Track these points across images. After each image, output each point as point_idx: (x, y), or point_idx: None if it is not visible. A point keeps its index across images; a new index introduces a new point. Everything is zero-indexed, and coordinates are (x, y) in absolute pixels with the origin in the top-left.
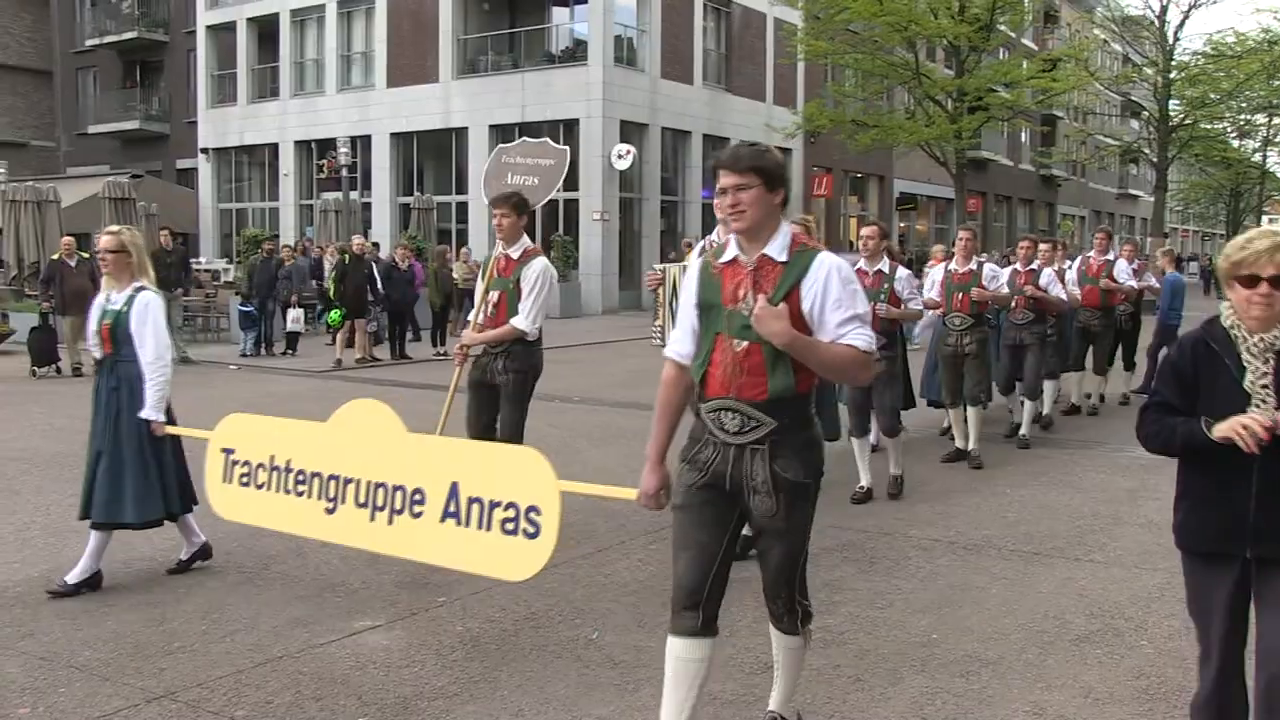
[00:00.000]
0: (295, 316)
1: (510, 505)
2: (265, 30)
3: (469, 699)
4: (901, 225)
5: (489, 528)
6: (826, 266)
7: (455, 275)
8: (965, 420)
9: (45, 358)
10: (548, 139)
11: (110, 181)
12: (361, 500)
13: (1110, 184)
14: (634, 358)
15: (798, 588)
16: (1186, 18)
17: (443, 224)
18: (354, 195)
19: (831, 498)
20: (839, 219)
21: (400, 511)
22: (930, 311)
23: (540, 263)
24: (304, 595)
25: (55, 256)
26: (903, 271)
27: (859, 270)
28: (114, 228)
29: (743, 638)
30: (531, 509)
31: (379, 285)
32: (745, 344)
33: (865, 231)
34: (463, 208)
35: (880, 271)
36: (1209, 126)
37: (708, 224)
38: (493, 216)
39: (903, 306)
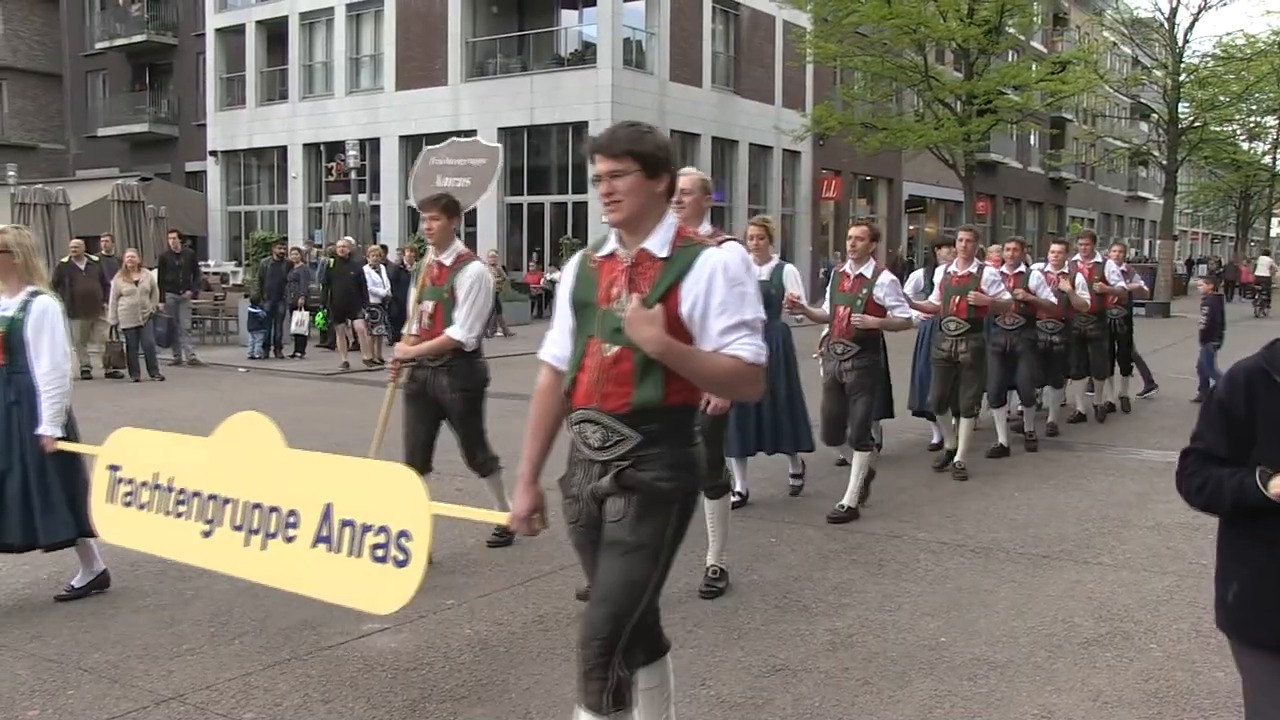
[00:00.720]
0: (300, 319)
1: (382, 529)
2: (274, 33)
3: (477, 701)
4: (910, 228)
5: (360, 554)
6: (712, 264)
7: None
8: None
9: None
10: (478, 137)
11: (119, 184)
12: (237, 523)
13: (1120, 186)
14: None
15: (624, 642)
16: (1196, 20)
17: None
18: (363, 198)
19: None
20: (848, 221)
21: (274, 535)
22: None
23: (475, 268)
24: (313, 598)
25: (64, 259)
26: (886, 276)
27: (841, 272)
28: (1, 226)
29: (750, 640)
30: (403, 534)
31: (369, 287)
32: (616, 349)
33: (854, 232)
34: (471, 210)
35: (861, 275)
36: (1218, 129)
37: (717, 227)
38: (422, 221)
39: (887, 314)
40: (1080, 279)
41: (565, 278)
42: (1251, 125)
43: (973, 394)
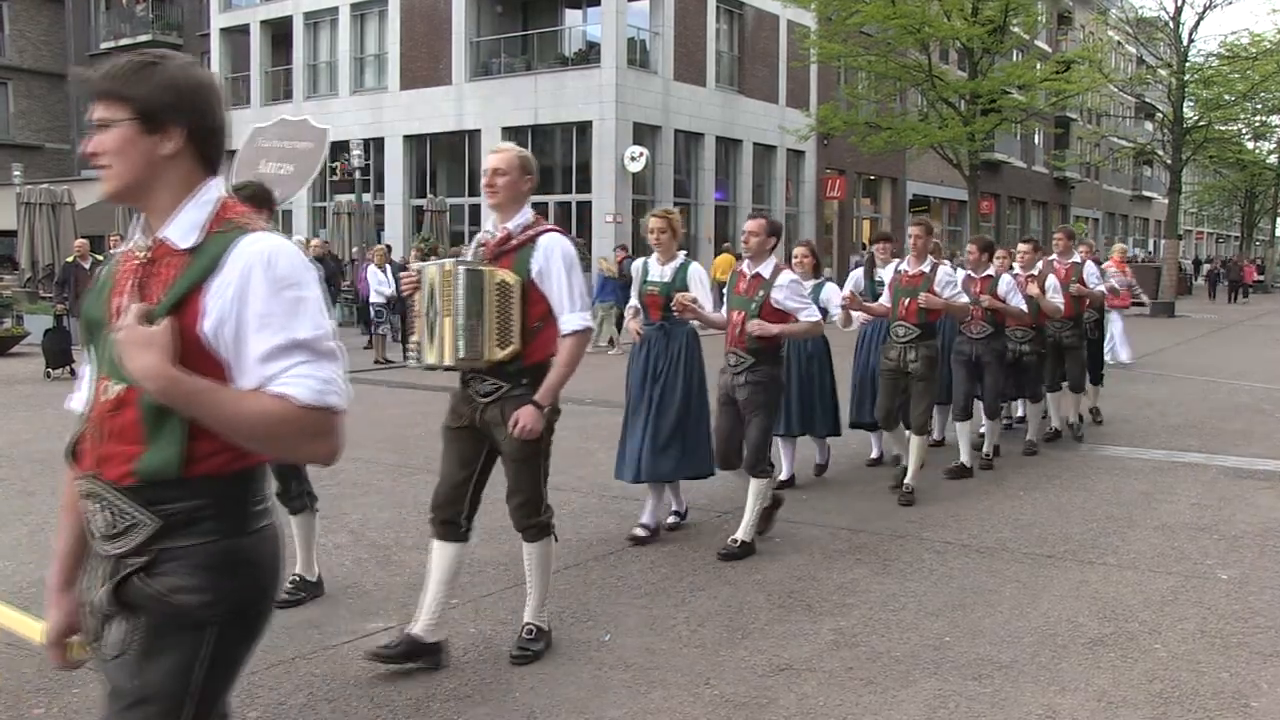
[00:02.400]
0: None
1: None
2: (279, 33)
3: (481, 700)
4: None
5: None
6: (248, 257)
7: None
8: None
9: (60, 360)
10: (308, 117)
11: None
12: None
13: (1124, 186)
14: None
15: None
16: (1201, 19)
17: (456, 226)
18: (367, 197)
19: (843, 495)
20: (852, 221)
21: None
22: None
23: None
24: (316, 596)
25: (69, 259)
26: (787, 276)
27: (739, 271)
28: None
29: (754, 639)
30: None
31: (373, 286)
32: (120, 388)
33: (749, 225)
34: (476, 210)
35: (759, 275)
36: (1223, 128)
37: (721, 226)
38: None
39: (791, 319)
40: (1053, 281)
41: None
42: (1257, 124)
43: (925, 408)
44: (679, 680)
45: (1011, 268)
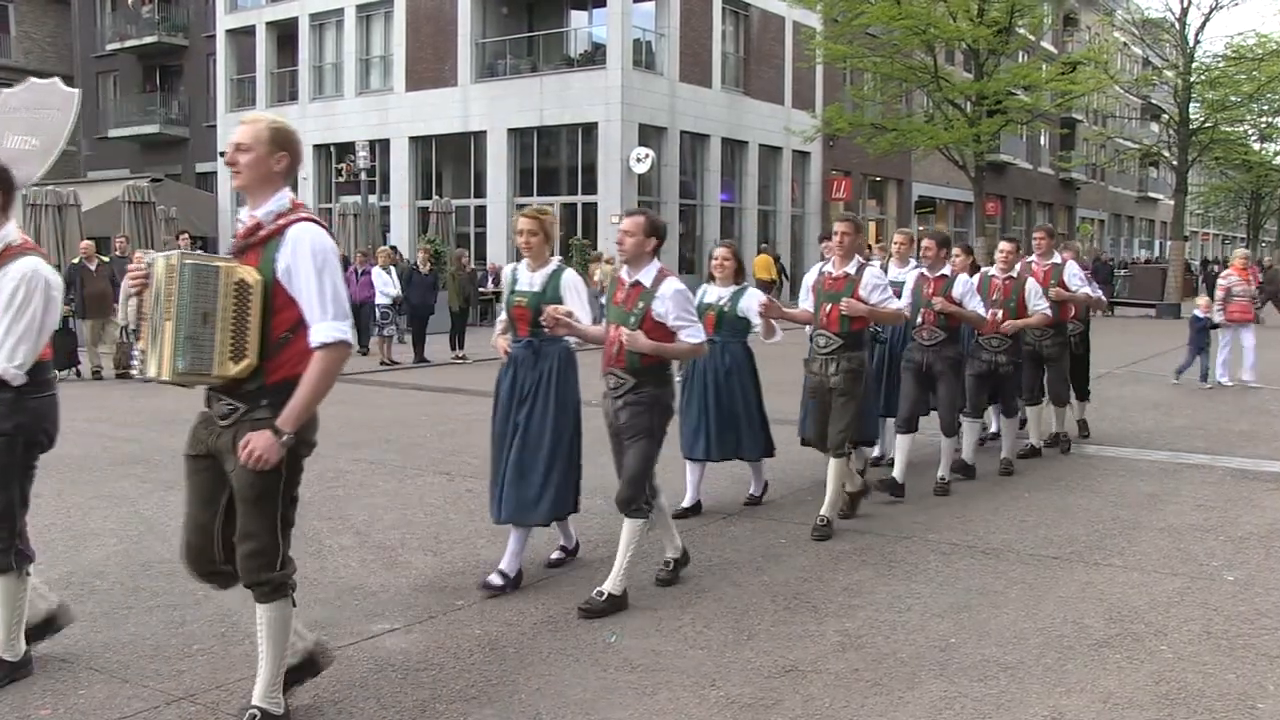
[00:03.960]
0: None
1: None
2: (284, 34)
3: (487, 702)
4: (921, 229)
5: None
6: None
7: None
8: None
9: (66, 361)
10: (57, 79)
11: (130, 185)
12: None
13: (1130, 187)
14: None
15: None
16: (1207, 20)
17: (461, 228)
18: (372, 199)
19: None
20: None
21: None
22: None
23: (26, 265)
24: (322, 598)
25: (75, 260)
26: (671, 286)
27: (618, 278)
28: None
29: (760, 641)
30: None
31: (379, 288)
32: None
33: (624, 223)
34: (481, 211)
35: (639, 284)
36: (1230, 129)
37: (726, 228)
38: None
39: (677, 337)
40: (1032, 284)
41: None
42: (1263, 125)
43: (844, 426)
44: (685, 682)
45: (977, 267)
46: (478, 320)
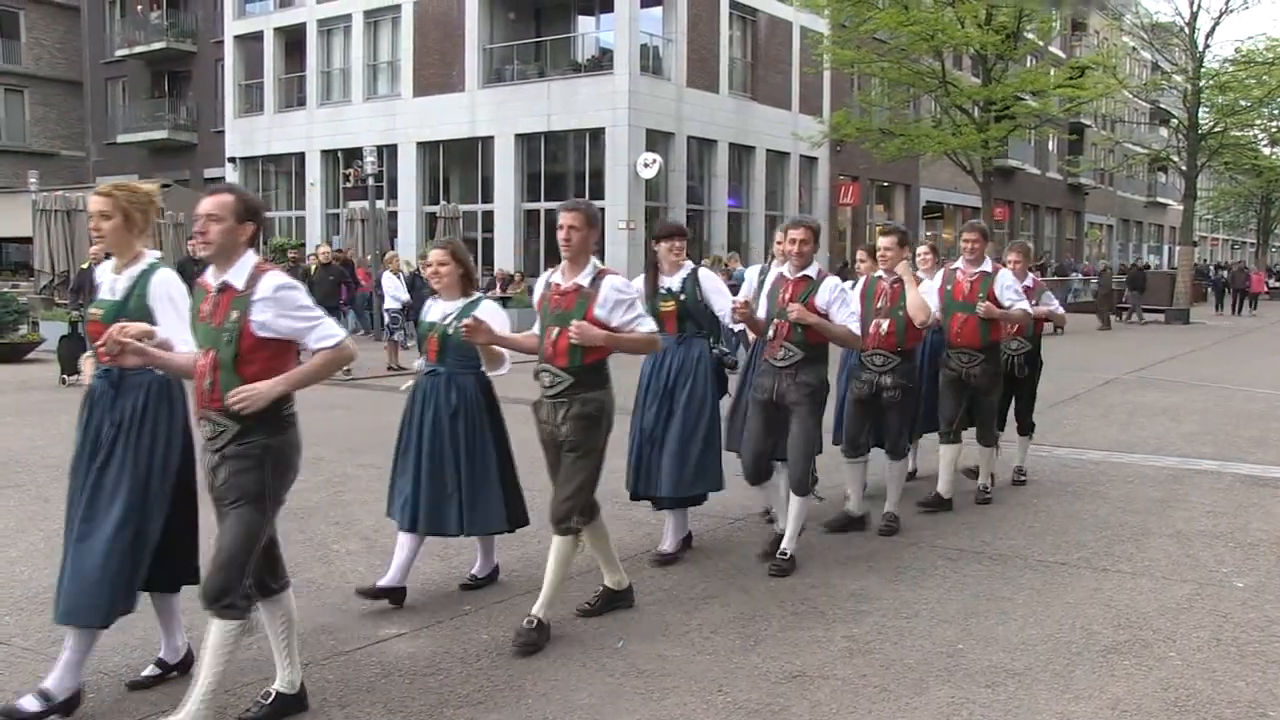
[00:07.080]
0: None
1: None
2: (292, 40)
3: (494, 707)
4: (929, 234)
5: None
6: None
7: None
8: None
9: (74, 366)
10: None
11: None
12: None
13: (1139, 192)
14: None
15: None
16: (1217, 24)
17: (469, 233)
18: (380, 204)
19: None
20: (865, 227)
21: None
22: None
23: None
24: (330, 603)
25: (84, 265)
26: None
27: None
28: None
29: (767, 646)
30: None
31: (388, 293)
32: None
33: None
34: (489, 216)
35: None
36: (1239, 134)
37: (733, 234)
38: None
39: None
40: (929, 284)
41: None
42: (1273, 130)
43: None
44: (692, 687)
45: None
46: None
